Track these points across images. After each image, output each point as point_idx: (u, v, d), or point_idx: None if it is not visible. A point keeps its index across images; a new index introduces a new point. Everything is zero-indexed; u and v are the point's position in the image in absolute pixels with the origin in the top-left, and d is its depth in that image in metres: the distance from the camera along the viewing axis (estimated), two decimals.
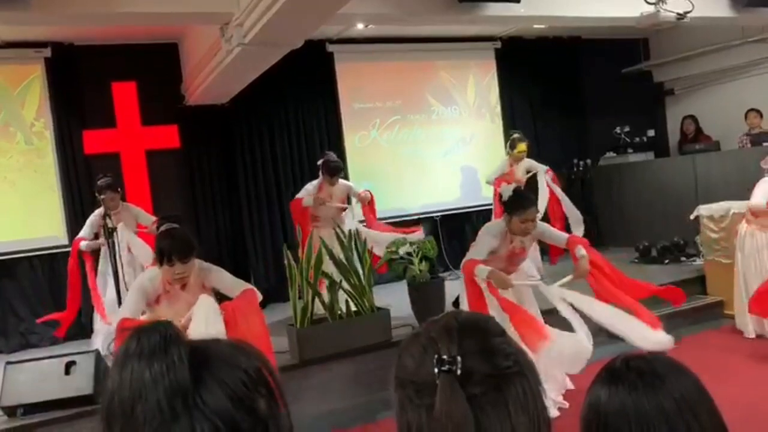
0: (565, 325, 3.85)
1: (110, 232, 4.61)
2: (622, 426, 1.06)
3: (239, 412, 0.77)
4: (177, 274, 3.37)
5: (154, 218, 5.52)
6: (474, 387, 0.83)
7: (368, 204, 6.26)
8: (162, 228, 3.60)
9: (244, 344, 0.87)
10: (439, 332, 0.89)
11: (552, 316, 4.14)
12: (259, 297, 3.68)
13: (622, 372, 1.10)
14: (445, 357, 0.84)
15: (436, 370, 0.83)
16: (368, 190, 6.34)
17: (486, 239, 4.15)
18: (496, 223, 4.35)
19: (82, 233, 5.55)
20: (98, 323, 5.61)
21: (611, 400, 1.08)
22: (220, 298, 3.70)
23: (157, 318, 3.43)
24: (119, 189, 5.63)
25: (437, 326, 0.91)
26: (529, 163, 7.00)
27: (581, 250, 4.15)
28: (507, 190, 4.23)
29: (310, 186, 6.12)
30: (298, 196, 6.09)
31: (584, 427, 1.12)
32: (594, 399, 1.11)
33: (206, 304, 3.38)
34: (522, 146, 6.89)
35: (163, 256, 3.35)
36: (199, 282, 3.55)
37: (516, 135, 7.04)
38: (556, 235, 4.47)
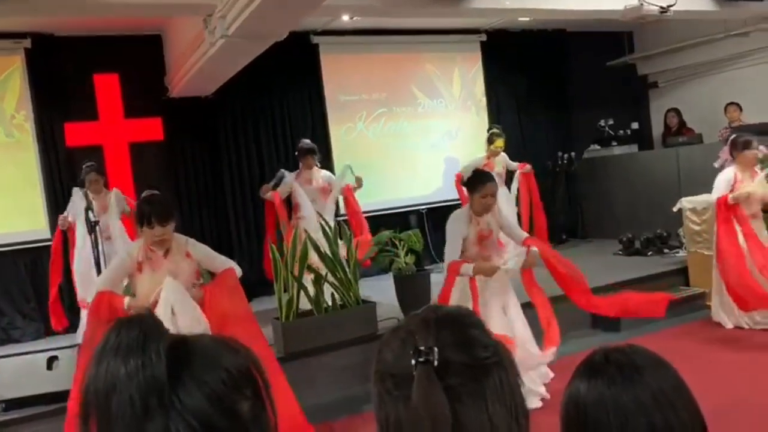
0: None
1: (92, 226, 4.55)
2: (601, 418, 1.06)
3: (217, 414, 0.75)
4: (157, 236, 3.47)
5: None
6: (451, 378, 0.83)
7: (357, 187, 6.32)
8: (142, 195, 3.79)
9: (232, 341, 0.84)
10: (417, 324, 0.89)
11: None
12: (239, 272, 3.73)
13: (601, 365, 1.11)
14: (422, 348, 0.84)
15: (413, 361, 0.84)
16: (360, 177, 6.32)
17: (454, 230, 4.22)
18: (459, 210, 4.43)
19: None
20: (84, 318, 5.58)
21: (590, 392, 1.09)
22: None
23: (140, 291, 3.50)
24: (103, 174, 5.75)
25: (416, 319, 0.92)
26: (503, 158, 7.06)
27: (534, 248, 4.27)
28: (467, 170, 4.33)
29: (288, 177, 6.17)
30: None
31: (564, 419, 1.13)
32: (574, 391, 1.11)
33: (172, 288, 3.45)
34: (500, 142, 6.97)
35: (143, 219, 3.46)
36: (182, 251, 3.64)
37: (495, 130, 7.12)
38: (516, 231, 4.54)
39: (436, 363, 0.83)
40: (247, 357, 0.83)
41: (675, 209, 6.30)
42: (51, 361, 4.24)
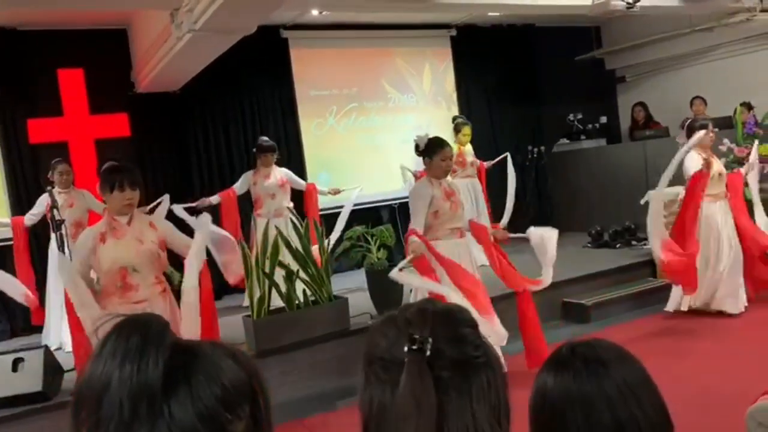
0: None
1: (57, 225, 4.46)
2: (567, 411, 1.08)
3: None
4: (128, 200, 3.53)
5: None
6: (441, 370, 0.84)
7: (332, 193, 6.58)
8: (105, 165, 3.91)
9: (239, 352, 0.82)
10: (413, 314, 0.91)
11: None
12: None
13: (567, 358, 1.12)
14: (416, 336, 0.85)
15: (405, 348, 0.85)
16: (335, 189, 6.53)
17: (418, 196, 4.32)
18: (420, 182, 4.52)
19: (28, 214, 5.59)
20: (52, 318, 5.48)
21: (557, 386, 1.10)
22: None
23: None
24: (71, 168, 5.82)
25: (413, 309, 0.93)
26: (470, 150, 7.16)
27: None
28: (422, 140, 4.40)
29: (244, 176, 6.39)
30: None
31: (532, 411, 1.14)
32: (541, 384, 1.13)
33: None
34: (467, 129, 7.09)
35: (114, 183, 3.51)
36: (146, 220, 3.72)
37: (459, 119, 7.21)
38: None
39: (428, 353, 0.84)
40: (249, 372, 0.80)
41: (642, 202, 6.38)
42: (16, 363, 4.13)
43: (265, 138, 6.62)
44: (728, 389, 3.81)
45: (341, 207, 6.33)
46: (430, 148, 4.34)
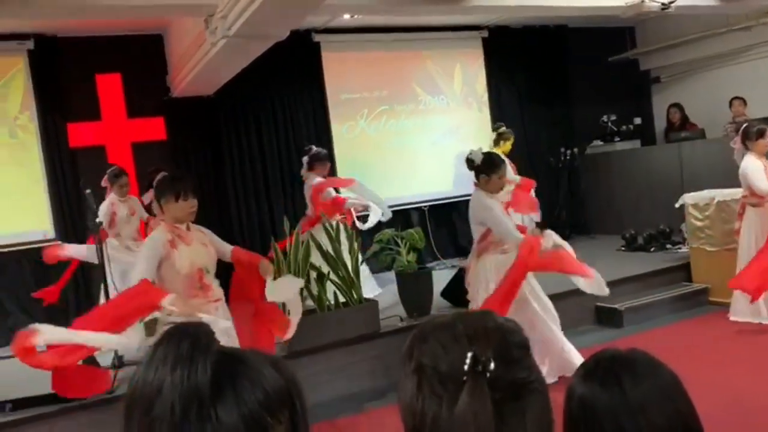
0: None
1: (98, 227, 4.57)
2: (590, 422, 1.09)
3: None
4: (191, 208, 3.57)
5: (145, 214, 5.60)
6: (497, 392, 0.83)
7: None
8: (161, 174, 3.96)
9: (278, 361, 0.85)
10: (476, 330, 0.89)
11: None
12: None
13: (596, 368, 1.13)
14: (480, 357, 0.84)
15: (466, 367, 0.83)
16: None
17: (498, 211, 4.33)
18: (481, 195, 4.44)
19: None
20: None
21: (585, 393, 1.11)
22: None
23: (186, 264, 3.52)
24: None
25: (473, 322, 0.91)
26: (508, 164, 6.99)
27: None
28: (477, 155, 4.40)
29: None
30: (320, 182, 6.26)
31: (564, 414, 1.16)
32: (571, 390, 1.15)
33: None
34: (508, 145, 6.84)
35: (179, 192, 3.52)
36: (194, 227, 3.73)
37: (505, 130, 6.92)
38: None
39: (488, 375, 0.83)
40: (289, 379, 0.83)
41: (677, 205, 6.30)
42: None
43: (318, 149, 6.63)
44: (763, 397, 3.74)
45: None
46: (490, 166, 4.34)
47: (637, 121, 9.19)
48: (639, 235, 7.46)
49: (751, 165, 5.18)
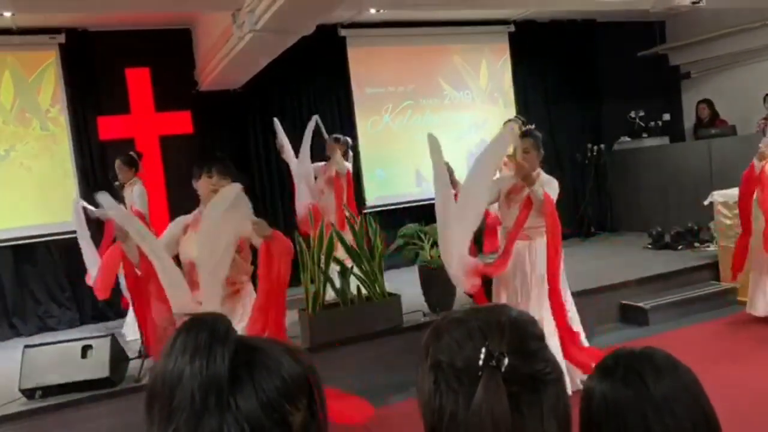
0: None
1: None
2: (604, 420, 1.09)
3: (269, 422, 0.78)
4: (213, 185, 3.49)
5: (147, 206, 5.56)
6: (513, 385, 0.83)
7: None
8: None
9: (295, 349, 0.87)
10: (489, 324, 0.89)
11: None
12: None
13: (612, 367, 1.13)
14: (494, 351, 0.84)
15: (480, 362, 0.84)
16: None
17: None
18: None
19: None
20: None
21: (599, 391, 1.11)
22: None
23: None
24: (130, 164, 5.83)
25: (487, 317, 0.91)
26: None
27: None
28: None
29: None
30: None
31: (580, 411, 1.15)
32: (587, 388, 1.15)
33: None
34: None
35: (203, 167, 3.55)
36: None
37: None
38: None
39: (503, 369, 0.83)
40: (306, 367, 0.85)
41: (706, 203, 6.20)
42: (85, 350, 4.35)
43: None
44: None
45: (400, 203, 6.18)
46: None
47: (666, 117, 9.05)
48: (666, 233, 7.37)
49: None
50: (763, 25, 8.12)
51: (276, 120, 5.75)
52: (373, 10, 6.95)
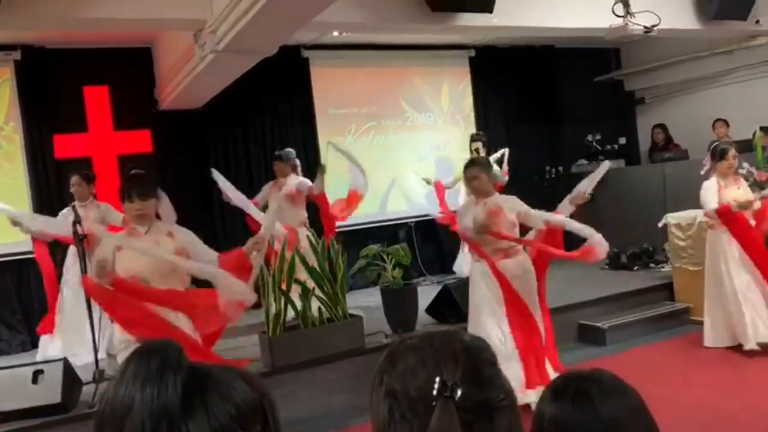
0: None
1: (80, 240, 4.54)
2: None
3: None
4: (136, 210, 3.56)
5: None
6: (467, 414, 0.83)
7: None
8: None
9: (248, 374, 0.86)
10: (443, 353, 0.88)
11: None
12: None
13: (561, 389, 1.15)
14: (448, 381, 0.84)
15: (435, 392, 0.84)
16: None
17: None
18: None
19: None
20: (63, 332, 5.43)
21: (549, 414, 1.13)
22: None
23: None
24: (89, 180, 5.73)
25: (441, 344, 0.90)
26: None
27: None
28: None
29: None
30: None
31: None
32: (538, 411, 1.16)
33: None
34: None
35: (124, 193, 3.62)
36: (164, 230, 3.69)
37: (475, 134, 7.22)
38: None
39: (457, 399, 0.83)
40: (261, 392, 0.84)
41: (660, 225, 6.36)
42: (36, 375, 4.21)
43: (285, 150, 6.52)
44: (744, 417, 3.77)
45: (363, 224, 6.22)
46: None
47: (622, 140, 9.31)
48: (622, 253, 7.53)
49: (705, 184, 5.22)
50: (711, 54, 8.45)
51: (214, 170, 5.64)
52: (336, 33, 7.00)
